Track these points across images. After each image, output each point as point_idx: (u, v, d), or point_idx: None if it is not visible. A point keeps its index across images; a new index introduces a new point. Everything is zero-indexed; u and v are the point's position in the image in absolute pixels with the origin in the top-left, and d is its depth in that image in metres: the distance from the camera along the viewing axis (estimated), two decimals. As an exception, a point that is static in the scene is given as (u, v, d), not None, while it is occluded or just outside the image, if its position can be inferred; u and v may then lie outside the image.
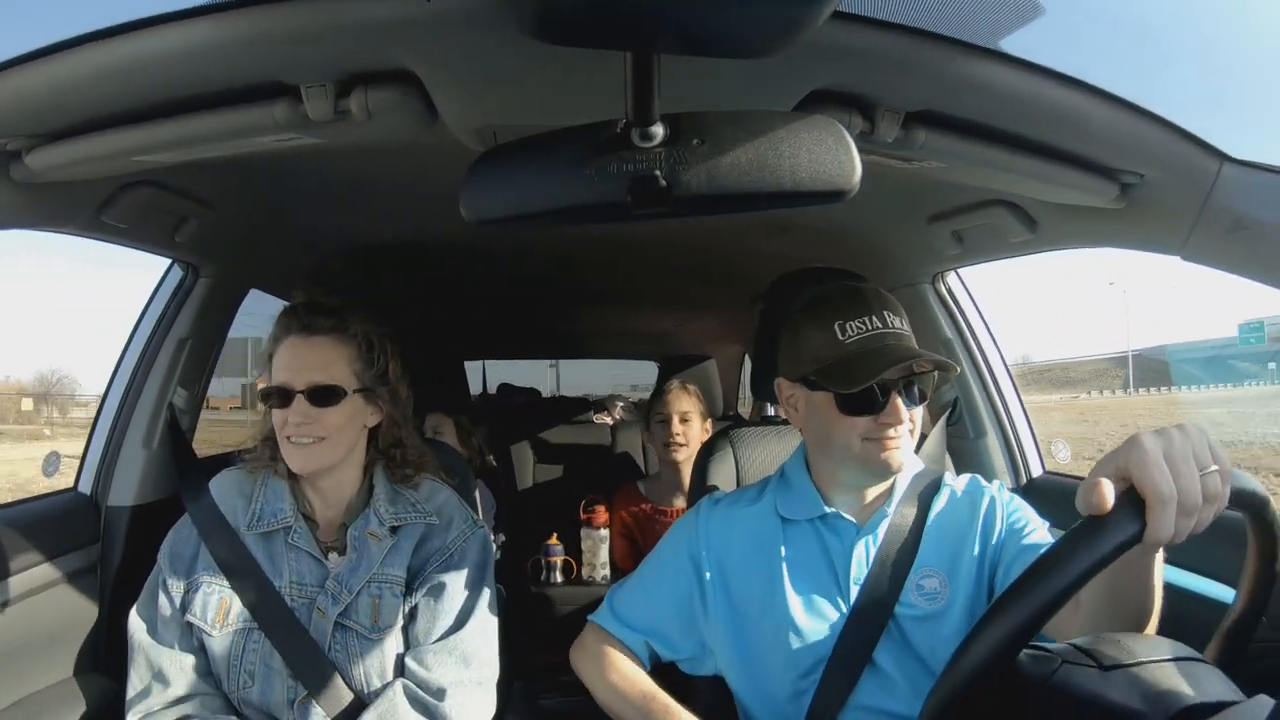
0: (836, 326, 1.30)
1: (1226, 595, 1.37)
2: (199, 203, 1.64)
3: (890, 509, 1.38)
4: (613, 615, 1.46)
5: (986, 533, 1.35)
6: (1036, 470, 2.14)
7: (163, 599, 1.40)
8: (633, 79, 0.77)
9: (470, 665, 1.39)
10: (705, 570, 1.40)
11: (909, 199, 1.77)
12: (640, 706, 1.33)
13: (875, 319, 1.30)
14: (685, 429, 2.80)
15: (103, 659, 1.72)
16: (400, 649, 1.41)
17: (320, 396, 1.40)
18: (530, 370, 5.54)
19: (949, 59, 1.02)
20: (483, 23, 0.91)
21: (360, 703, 1.36)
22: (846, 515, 1.38)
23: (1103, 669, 0.79)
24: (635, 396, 5.22)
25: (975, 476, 1.46)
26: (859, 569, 1.34)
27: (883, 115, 1.13)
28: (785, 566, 1.36)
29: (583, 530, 2.71)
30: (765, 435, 1.80)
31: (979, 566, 1.33)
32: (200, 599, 1.39)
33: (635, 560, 2.62)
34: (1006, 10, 1.01)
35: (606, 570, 2.67)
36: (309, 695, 1.35)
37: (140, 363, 1.89)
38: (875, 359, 1.26)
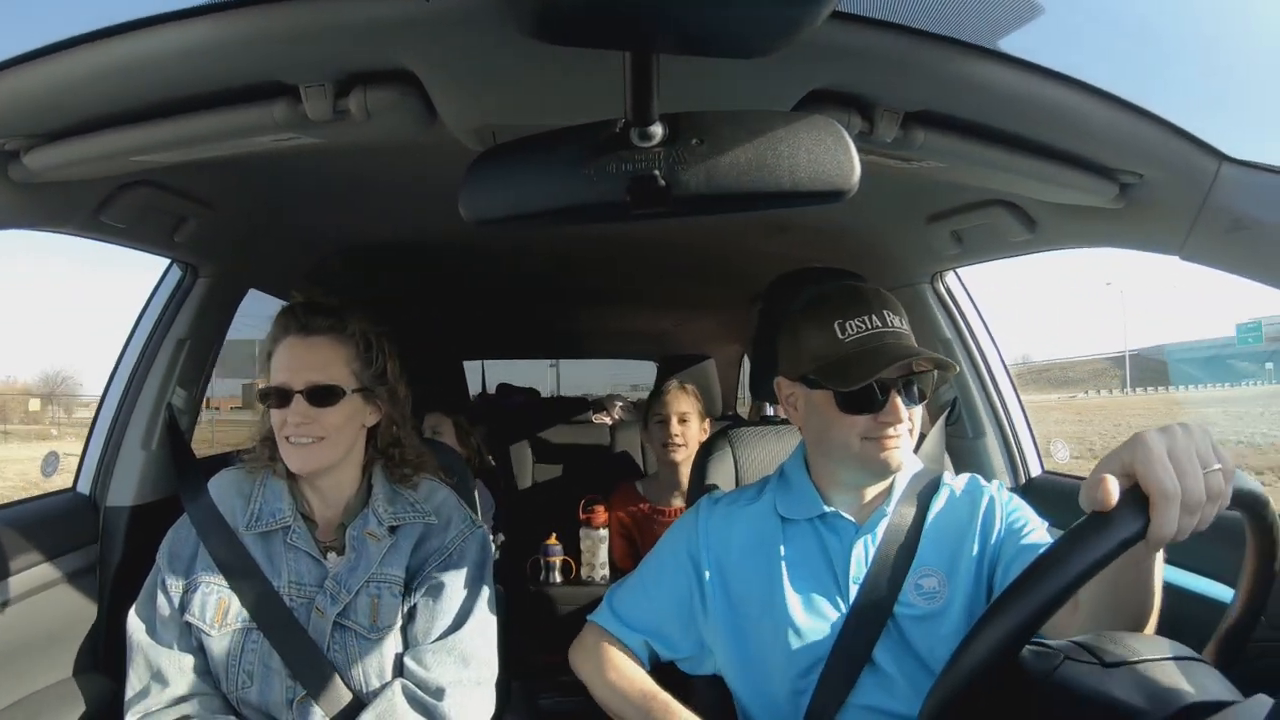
0: (836, 325, 1.30)
1: (1224, 595, 1.38)
2: (198, 203, 1.63)
3: (889, 508, 1.38)
4: (612, 615, 1.46)
5: (986, 532, 1.35)
6: (1035, 470, 2.14)
7: (161, 599, 1.40)
8: (632, 79, 0.77)
9: (469, 665, 1.39)
10: (704, 570, 1.40)
11: (908, 199, 1.77)
12: (640, 705, 1.33)
13: (875, 318, 1.30)
14: (684, 429, 2.80)
15: (101, 659, 1.72)
16: (399, 649, 1.41)
17: (319, 396, 1.40)
18: (530, 370, 5.54)
19: (948, 59, 1.02)
20: (482, 22, 0.91)
21: (359, 703, 1.36)
22: (846, 514, 1.38)
23: (1105, 666, 0.79)
24: (635, 396, 5.22)
25: (974, 476, 1.46)
26: (858, 568, 1.34)
27: (882, 115, 1.13)
28: (784, 566, 1.36)
29: (582, 530, 2.71)
30: (764, 435, 1.80)
31: (978, 566, 1.33)
32: (199, 599, 1.39)
33: (633, 560, 2.62)
34: (1005, 10, 1.01)
35: (606, 570, 2.67)
36: (308, 695, 1.35)
37: (139, 363, 1.89)
38: (874, 357, 1.26)
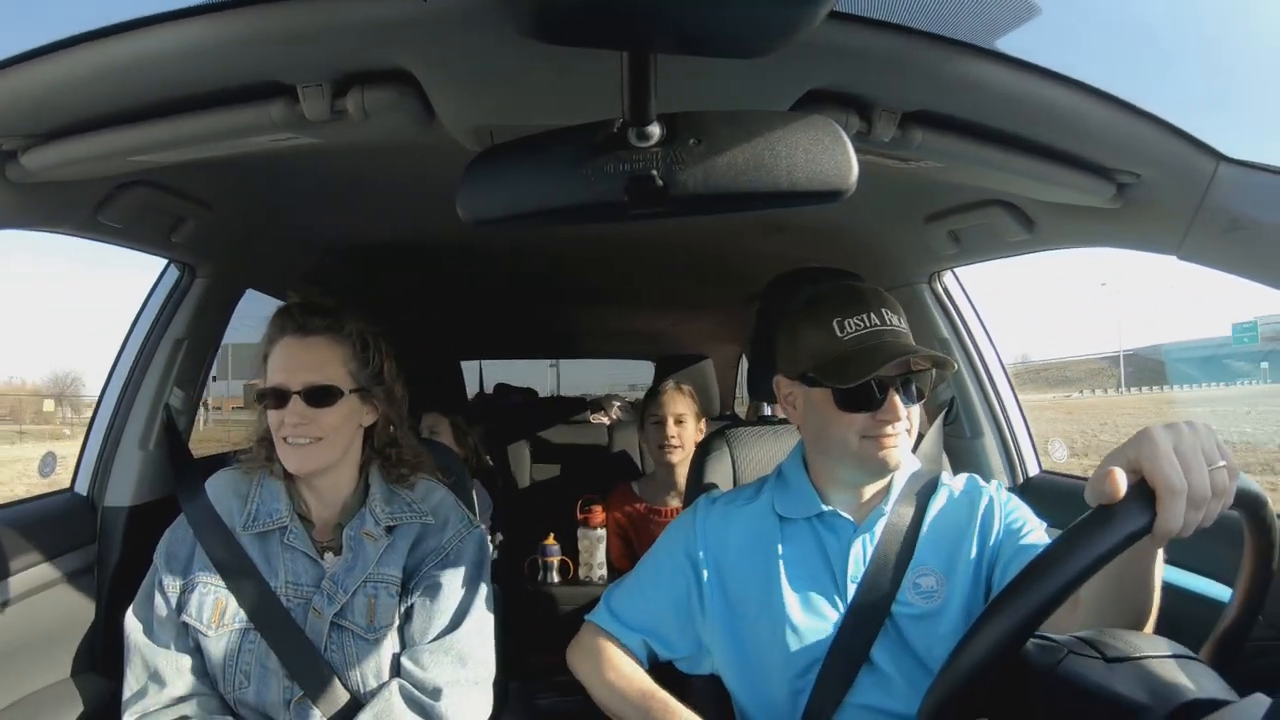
0: (835, 324, 1.30)
1: (1222, 594, 1.38)
2: (195, 203, 1.63)
3: (887, 508, 1.38)
4: (610, 615, 1.45)
5: (984, 533, 1.35)
6: (1033, 469, 2.14)
7: (159, 599, 1.40)
8: (629, 79, 0.77)
9: (466, 665, 1.39)
10: (702, 569, 1.40)
11: (906, 199, 1.77)
12: (639, 705, 1.33)
13: (873, 316, 1.30)
14: (680, 431, 2.79)
15: (99, 659, 1.72)
16: (396, 649, 1.41)
17: (316, 397, 1.40)
18: (531, 370, 5.53)
19: (946, 59, 1.02)
20: (479, 22, 0.91)
21: (356, 703, 1.36)
22: (844, 514, 1.38)
23: (1107, 661, 0.80)
24: (633, 396, 5.22)
25: (973, 476, 1.46)
26: (856, 567, 1.34)
27: (879, 115, 1.13)
28: (782, 565, 1.36)
29: (579, 530, 2.70)
30: (762, 435, 1.80)
31: (976, 566, 1.33)
32: (196, 599, 1.39)
33: (630, 560, 2.62)
34: (1003, 10, 1.01)
35: (604, 570, 2.66)
36: (305, 695, 1.35)
37: (137, 363, 1.89)
38: (873, 355, 1.26)
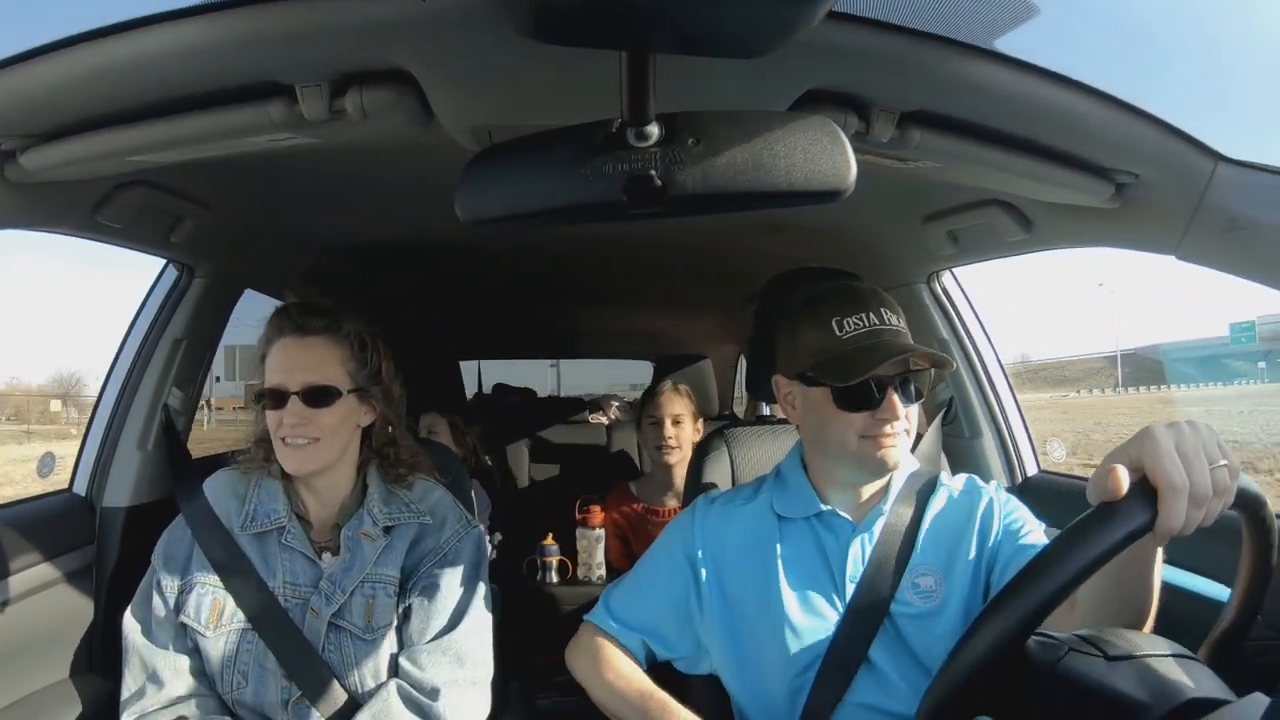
0: (834, 323, 1.30)
1: (1220, 593, 1.38)
2: (194, 202, 1.63)
3: (886, 507, 1.38)
4: (608, 615, 1.45)
5: (983, 534, 1.35)
6: (1032, 469, 2.14)
7: (157, 600, 1.40)
8: (628, 79, 0.77)
9: (464, 665, 1.39)
10: (701, 569, 1.40)
11: (904, 199, 1.77)
12: (638, 705, 1.33)
13: (872, 315, 1.30)
14: (677, 431, 2.79)
15: (98, 660, 1.72)
16: (394, 649, 1.41)
17: (315, 397, 1.40)
18: (532, 370, 5.53)
19: (944, 59, 1.02)
20: (478, 22, 0.91)
21: (354, 703, 1.36)
22: (843, 513, 1.38)
23: (1108, 659, 0.80)
24: (633, 396, 5.22)
25: (972, 477, 1.46)
26: (855, 567, 1.34)
27: (878, 115, 1.13)
28: (781, 564, 1.36)
29: (578, 530, 2.69)
30: (761, 435, 1.80)
31: (975, 567, 1.33)
32: (194, 600, 1.39)
33: (628, 561, 2.61)
34: (1001, 10, 1.01)
35: (602, 570, 2.65)
36: (303, 696, 1.35)
37: (135, 363, 1.89)
38: (871, 354, 1.26)
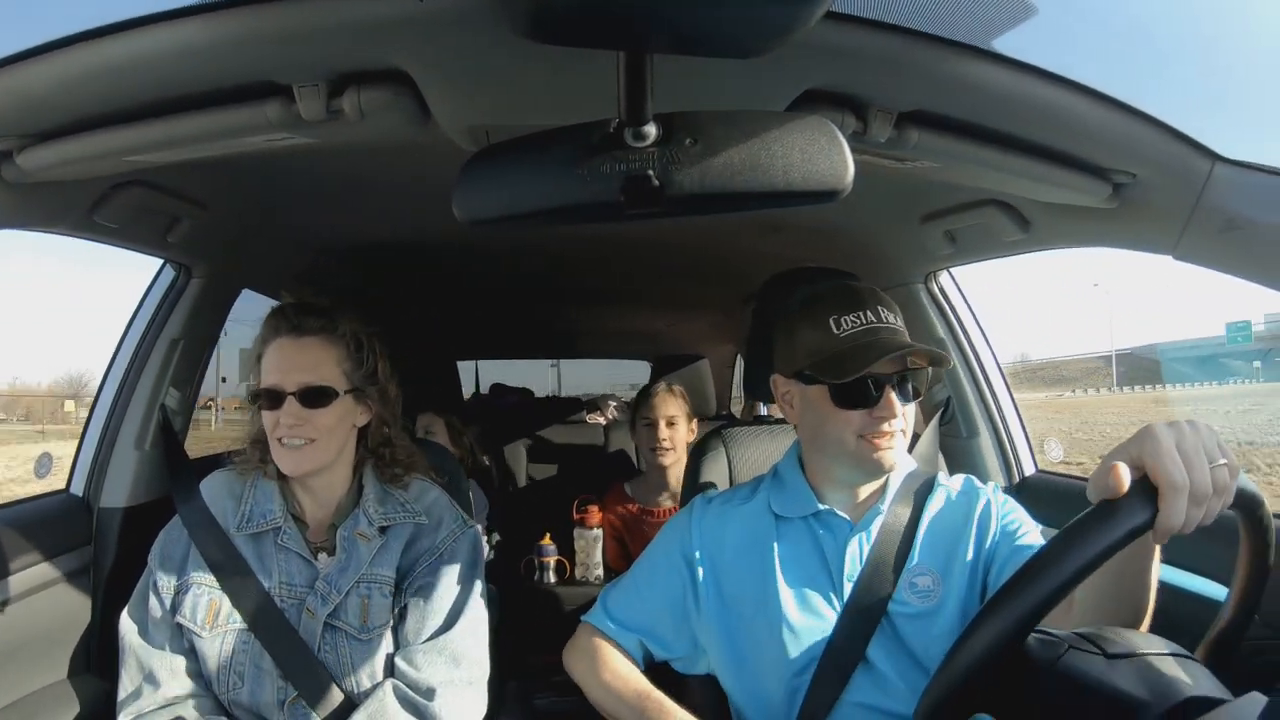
0: (831, 321, 1.30)
1: (1218, 593, 1.38)
2: (191, 203, 1.63)
3: (884, 507, 1.38)
4: (606, 615, 1.45)
5: (981, 534, 1.35)
6: (1029, 469, 2.15)
7: (153, 600, 1.40)
8: (625, 79, 0.77)
9: (460, 665, 1.39)
10: (698, 568, 1.40)
11: (902, 199, 1.77)
12: (635, 705, 1.33)
13: (870, 314, 1.30)
14: (672, 433, 2.78)
15: (95, 661, 1.72)
16: (390, 649, 1.40)
17: (311, 398, 1.39)
18: (533, 370, 5.52)
19: (942, 59, 1.02)
20: (475, 22, 0.91)
21: (350, 703, 1.36)
22: (840, 513, 1.38)
23: (1108, 657, 0.80)
24: (631, 396, 5.22)
25: (970, 478, 1.46)
26: (852, 566, 1.34)
27: (875, 115, 1.13)
28: (778, 563, 1.36)
29: (575, 530, 2.69)
30: (758, 435, 1.80)
31: (973, 567, 1.33)
32: (190, 600, 1.39)
33: (625, 561, 2.61)
34: (999, 10, 1.01)
35: (600, 570, 2.65)
36: (299, 696, 1.35)
37: (132, 364, 1.88)
38: (868, 351, 1.26)
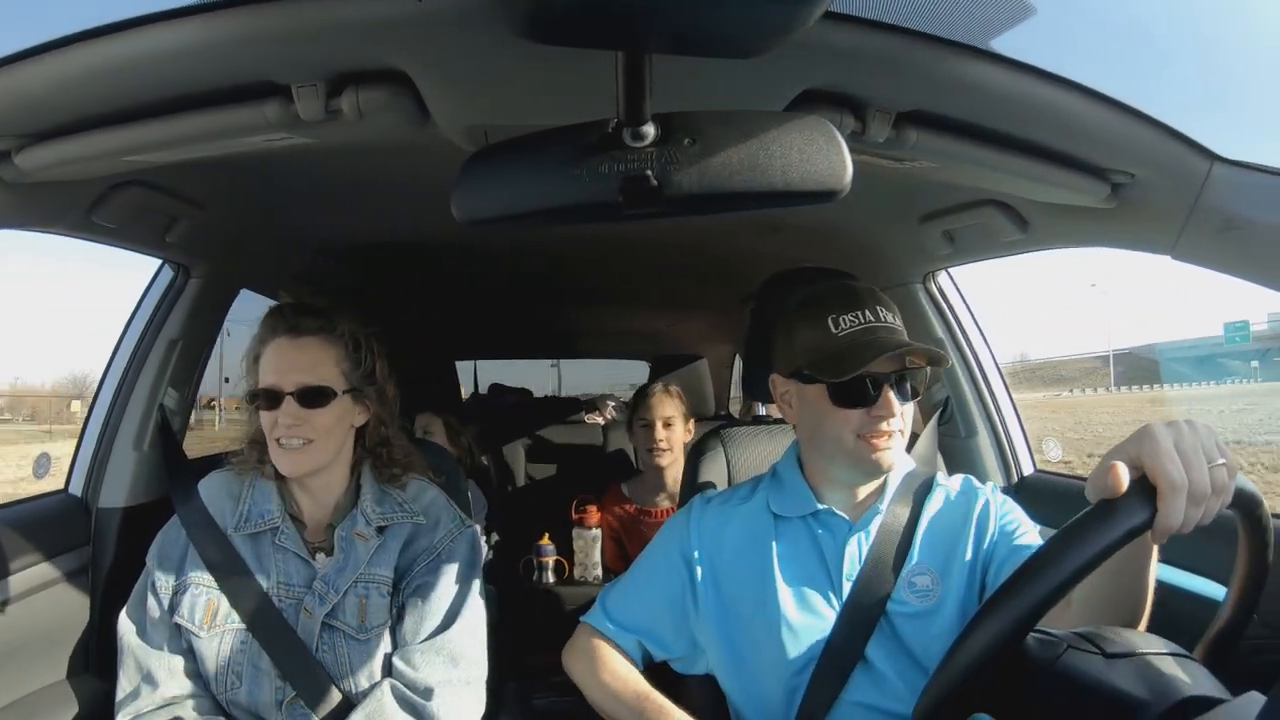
0: (829, 321, 1.30)
1: (1216, 592, 1.38)
2: (190, 203, 1.63)
3: (883, 506, 1.38)
4: (605, 616, 1.45)
5: (980, 534, 1.35)
6: (1028, 469, 2.15)
7: (151, 601, 1.40)
8: (624, 79, 0.77)
9: (458, 664, 1.39)
10: (697, 568, 1.40)
11: (900, 199, 1.77)
12: (634, 707, 1.33)
13: (868, 313, 1.31)
14: (668, 434, 2.78)
15: (94, 661, 1.72)
16: (388, 649, 1.40)
17: (309, 398, 1.39)
18: (534, 370, 5.50)
19: (940, 59, 1.02)
20: (474, 22, 0.91)
21: (348, 703, 1.36)
22: (839, 512, 1.39)
23: (1106, 656, 0.80)
24: (630, 396, 5.21)
25: (969, 478, 1.46)
26: (851, 565, 1.34)
27: (874, 115, 1.13)
28: (777, 562, 1.36)
29: (574, 530, 2.68)
30: (757, 435, 1.80)
31: (971, 567, 1.33)
32: (188, 600, 1.39)
33: (624, 562, 2.61)
34: (997, 10, 1.01)
35: (599, 570, 2.65)
36: (297, 696, 1.35)
37: (131, 364, 1.88)
38: (866, 349, 1.26)
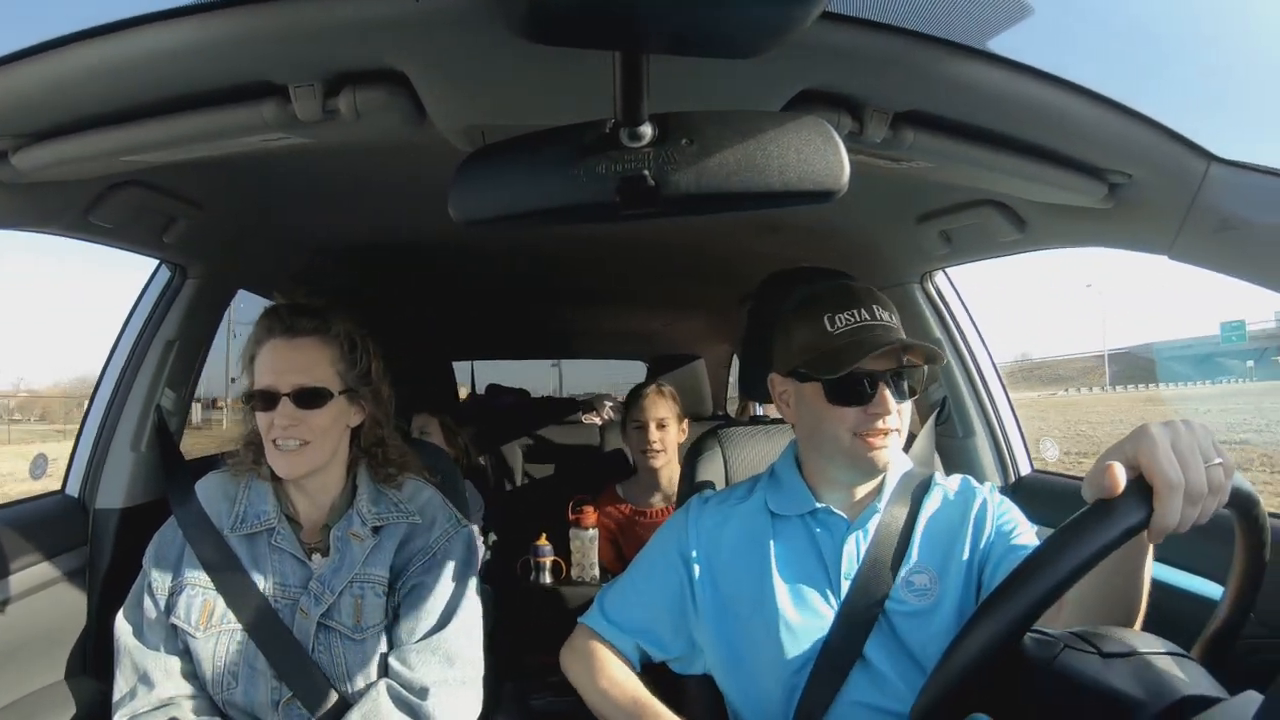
0: (826, 319, 1.31)
1: (1213, 592, 1.38)
2: (187, 203, 1.62)
3: (881, 505, 1.38)
4: (603, 616, 1.45)
5: (977, 533, 1.35)
6: (1025, 469, 2.15)
7: (148, 601, 1.40)
8: (622, 79, 0.77)
9: (454, 664, 1.39)
10: (695, 567, 1.40)
11: (898, 199, 1.77)
12: (631, 712, 1.33)
13: (864, 312, 1.31)
14: (662, 435, 2.78)
15: (91, 662, 1.71)
16: (384, 649, 1.40)
17: (305, 399, 1.39)
18: (534, 371, 5.49)
19: (937, 59, 1.02)
20: (471, 22, 0.91)
21: (344, 703, 1.36)
22: (837, 511, 1.39)
23: (1104, 656, 0.80)
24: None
25: (966, 478, 1.46)
26: (850, 564, 1.35)
27: (871, 115, 1.13)
28: (775, 561, 1.36)
29: (571, 530, 2.67)
30: (754, 435, 1.80)
31: (969, 566, 1.33)
32: (184, 601, 1.39)
33: (620, 564, 2.61)
34: (995, 10, 1.01)
35: (596, 571, 2.64)
36: (293, 696, 1.35)
37: (128, 365, 1.88)
38: (861, 346, 1.27)
